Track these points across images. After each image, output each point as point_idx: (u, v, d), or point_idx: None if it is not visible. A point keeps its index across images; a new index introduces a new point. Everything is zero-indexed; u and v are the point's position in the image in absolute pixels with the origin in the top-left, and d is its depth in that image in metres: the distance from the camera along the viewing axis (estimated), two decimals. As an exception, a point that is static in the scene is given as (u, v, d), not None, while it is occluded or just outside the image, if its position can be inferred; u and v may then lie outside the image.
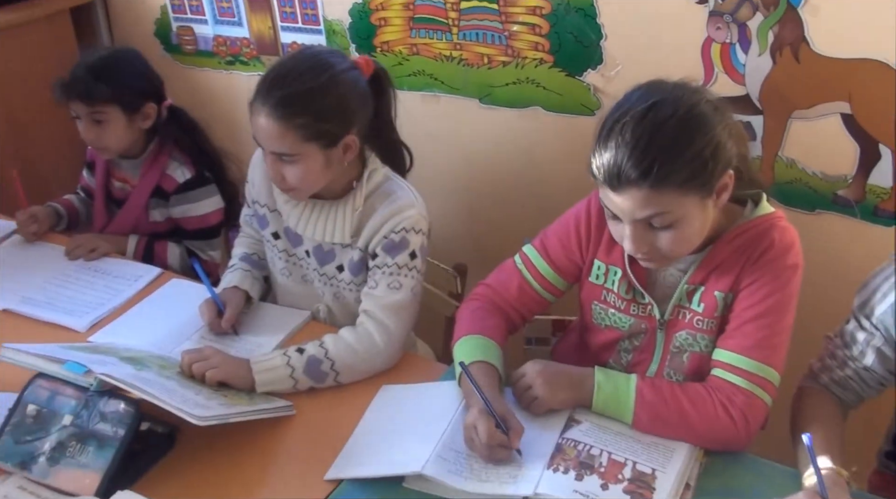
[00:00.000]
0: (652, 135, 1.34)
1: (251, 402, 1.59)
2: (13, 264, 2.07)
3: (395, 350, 1.71)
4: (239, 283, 1.88)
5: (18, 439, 1.48)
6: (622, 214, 1.40)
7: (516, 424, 1.43)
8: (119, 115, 2.12)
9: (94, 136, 2.13)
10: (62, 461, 1.44)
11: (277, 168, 1.69)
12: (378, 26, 2.45)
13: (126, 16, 2.90)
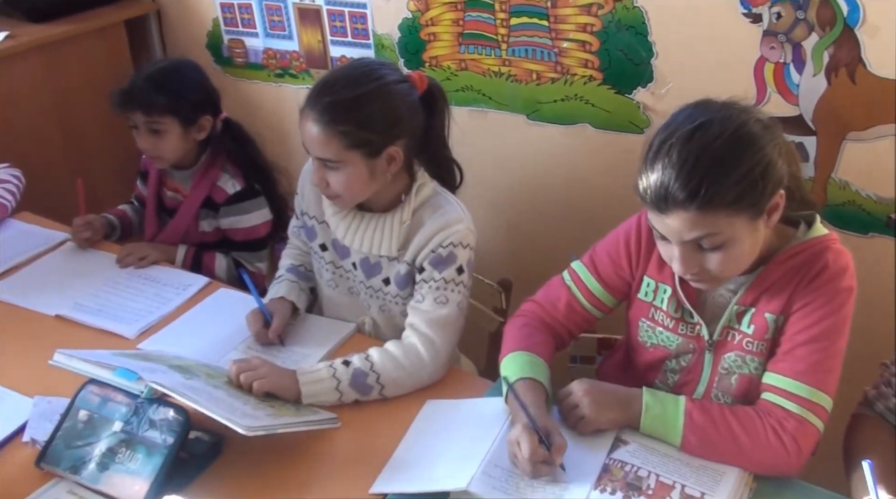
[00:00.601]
0: (699, 155, 1.33)
1: (298, 413, 1.60)
2: (66, 271, 2.10)
3: (441, 365, 1.71)
4: (286, 294, 1.89)
5: (70, 444, 1.50)
6: (671, 236, 1.39)
7: (560, 439, 1.42)
8: (176, 125, 2.16)
9: (149, 145, 2.16)
10: (111, 467, 1.46)
11: (322, 174, 1.71)
12: (427, 41, 2.46)
13: (179, 28, 2.95)
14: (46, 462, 1.49)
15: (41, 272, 2.11)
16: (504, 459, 1.45)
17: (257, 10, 2.73)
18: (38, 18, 2.70)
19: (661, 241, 1.44)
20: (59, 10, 2.75)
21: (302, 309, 1.92)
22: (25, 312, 1.95)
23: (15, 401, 1.67)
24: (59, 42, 2.70)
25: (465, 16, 2.37)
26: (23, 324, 1.92)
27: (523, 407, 1.45)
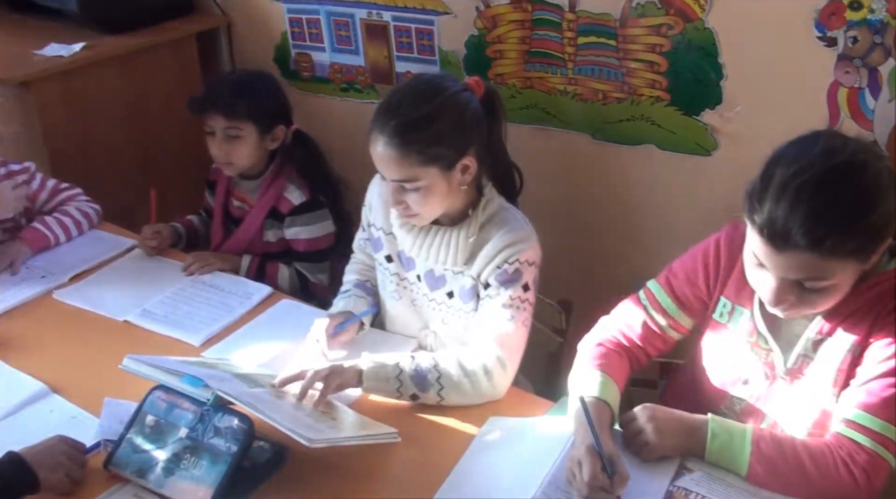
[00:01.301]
0: (831, 204, 1.29)
1: (358, 428, 1.61)
2: (134, 277, 2.15)
3: (505, 383, 1.70)
4: (354, 308, 1.90)
5: (137, 448, 1.52)
6: (774, 270, 1.36)
7: (623, 470, 1.40)
8: (253, 132, 2.21)
9: (224, 151, 2.21)
10: (177, 473, 1.48)
11: (399, 196, 1.71)
12: (493, 59, 2.47)
13: (247, 41, 3.00)
14: (114, 465, 1.52)
15: (110, 278, 2.15)
16: (565, 481, 1.43)
17: (325, 24, 2.77)
18: (114, 30, 2.77)
19: (758, 267, 1.41)
20: (133, 22, 2.81)
21: (367, 325, 1.93)
22: (95, 317, 2.00)
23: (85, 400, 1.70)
24: (133, 53, 2.76)
25: (532, 34, 2.38)
26: (92, 328, 1.97)
27: (591, 427, 1.43)
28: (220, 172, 2.36)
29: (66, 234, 2.26)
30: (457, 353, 1.71)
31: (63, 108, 2.62)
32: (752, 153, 1.42)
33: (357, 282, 2.00)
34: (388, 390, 1.66)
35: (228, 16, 2.98)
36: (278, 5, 2.83)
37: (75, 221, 2.29)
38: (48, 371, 1.79)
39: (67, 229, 2.27)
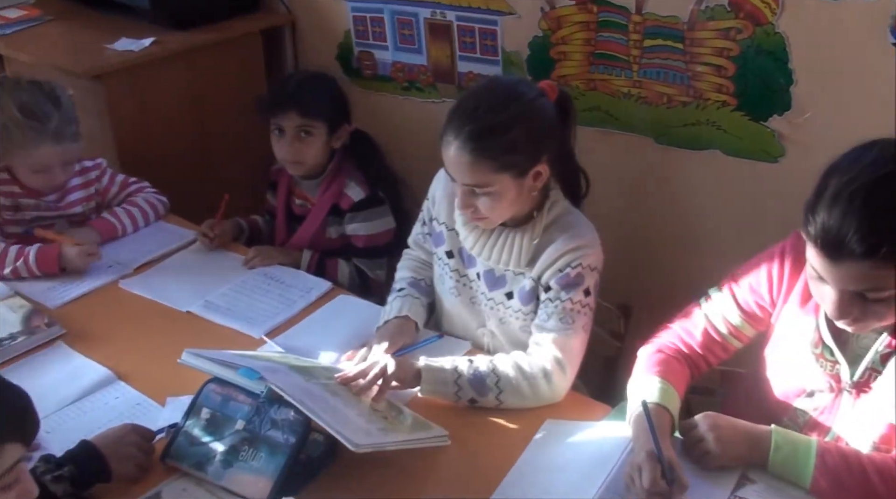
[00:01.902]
0: (885, 211, 1.25)
1: (409, 429, 1.61)
2: (197, 270, 2.18)
3: (564, 387, 1.69)
4: (409, 312, 1.90)
5: (193, 441, 1.54)
6: (833, 282, 1.33)
7: (683, 477, 1.39)
8: (323, 131, 2.24)
9: (294, 150, 2.23)
10: (235, 465, 1.50)
11: (469, 200, 1.71)
12: (557, 60, 2.46)
13: (311, 39, 3.02)
14: (171, 458, 1.54)
15: (174, 269, 2.19)
16: (623, 487, 1.42)
17: (389, 23, 2.78)
18: (183, 26, 2.82)
19: (817, 281, 1.38)
20: (201, 18, 2.86)
21: (421, 327, 1.93)
22: (159, 307, 2.04)
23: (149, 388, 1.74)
24: (200, 49, 2.80)
25: (597, 36, 2.36)
26: (157, 317, 2.01)
27: (653, 433, 1.42)
28: (281, 173, 2.38)
29: (133, 224, 2.32)
30: (515, 356, 1.70)
31: (131, 102, 2.67)
32: (820, 161, 1.39)
33: (412, 280, 2.00)
34: (447, 394, 1.67)
35: (293, 13, 3.01)
36: (343, 4, 2.85)
37: (143, 212, 2.34)
38: (114, 359, 1.83)
39: (135, 220, 2.32)
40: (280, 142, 2.25)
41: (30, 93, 2.11)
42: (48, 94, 2.13)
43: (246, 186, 2.64)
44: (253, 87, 2.92)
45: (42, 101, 2.10)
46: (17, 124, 2.07)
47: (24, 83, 2.15)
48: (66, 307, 2.04)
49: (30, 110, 2.08)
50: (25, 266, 2.11)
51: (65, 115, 2.13)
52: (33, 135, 2.08)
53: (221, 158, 2.90)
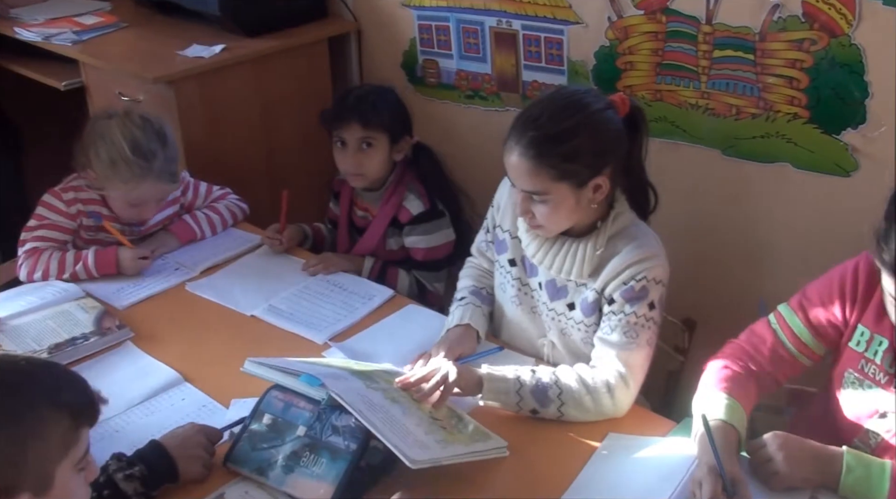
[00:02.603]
0: None
1: (468, 438, 1.60)
2: (261, 274, 2.21)
3: (627, 401, 1.67)
4: (471, 320, 1.90)
5: (255, 446, 1.56)
6: None
7: (747, 493, 1.36)
8: (385, 143, 2.25)
9: (357, 162, 2.25)
10: (297, 470, 1.50)
11: (527, 206, 1.71)
12: (623, 70, 2.43)
13: (376, 47, 3.04)
14: (233, 462, 1.56)
15: (239, 273, 2.23)
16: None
17: (454, 31, 2.79)
18: (251, 33, 2.86)
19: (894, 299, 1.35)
20: (270, 25, 2.89)
21: (482, 336, 1.93)
22: (224, 310, 2.07)
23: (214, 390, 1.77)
24: (267, 56, 2.84)
25: (665, 46, 2.33)
26: (222, 320, 2.04)
27: (713, 447, 1.40)
28: (343, 183, 2.40)
29: (212, 230, 2.37)
30: (578, 368, 1.69)
31: (200, 108, 2.72)
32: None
33: (473, 289, 2.00)
34: (508, 403, 1.66)
35: (359, 21, 3.03)
36: (408, 12, 2.87)
37: (222, 219, 2.40)
38: (181, 360, 1.87)
39: (214, 226, 2.38)
40: (342, 154, 2.27)
41: (141, 130, 2.14)
42: (157, 132, 2.17)
43: (310, 193, 2.67)
44: (318, 95, 2.96)
45: (151, 138, 2.15)
46: (125, 160, 2.11)
47: (136, 118, 2.18)
48: (134, 308, 2.09)
49: (139, 148, 2.12)
50: (84, 269, 2.17)
51: (169, 154, 2.18)
52: (138, 172, 2.12)
53: (286, 165, 2.93)
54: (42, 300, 2.05)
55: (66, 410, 1.09)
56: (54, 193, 2.24)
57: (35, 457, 1.05)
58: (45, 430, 1.07)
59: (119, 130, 2.14)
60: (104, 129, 2.16)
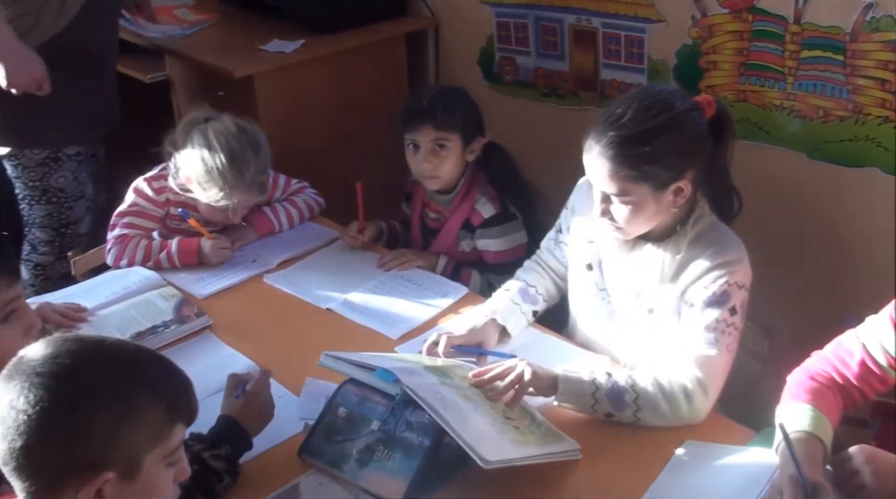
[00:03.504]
0: None
1: (541, 440, 1.58)
2: (337, 268, 2.23)
3: (704, 407, 1.64)
4: (499, 316, 1.89)
5: (329, 439, 1.57)
6: None
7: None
8: (458, 144, 2.24)
9: (430, 164, 2.24)
10: (371, 464, 1.51)
11: (606, 207, 1.69)
12: (706, 70, 2.39)
13: (454, 43, 3.05)
14: (307, 454, 1.57)
15: (315, 266, 2.25)
16: (767, 516, 1.37)
17: (532, 29, 2.77)
18: (331, 29, 2.88)
19: None
20: (349, 21, 2.91)
21: (514, 334, 1.91)
22: (300, 302, 2.10)
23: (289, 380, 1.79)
24: (345, 52, 2.86)
25: (750, 46, 2.28)
26: (298, 313, 2.06)
27: (792, 455, 1.36)
28: (416, 185, 2.40)
29: (290, 223, 2.40)
30: (656, 372, 1.66)
31: (279, 102, 2.76)
32: None
33: (522, 287, 1.98)
34: (583, 406, 1.64)
35: (437, 18, 3.04)
36: (487, 9, 2.86)
37: (300, 213, 2.43)
38: (257, 350, 1.89)
39: (292, 219, 2.41)
40: (415, 157, 2.26)
41: (237, 140, 2.15)
42: (252, 142, 2.18)
43: (383, 190, 2.68)
44: (395, 91, 2.97)
45: (245, 148, 2.16)
46: (220, 171, 2.12)
47: (233, 126, 2.18)
48: (212, 299, 2.12)
49: (235, 159, 2.13)
50: (168, 257, 2.22)
51: (261, 165, 2.20)
52: (231, 182, 2.14)
53: (361, 161, 2.94)
54: (125, 289, 2.10)
55: (164, 402, 1.11)
56: (146, 180, 2.30)
57: (128, 439, 1.07)
58: (142, 416, 1.08)
59: (215, 138, 2.15)
60: (201, 133, 2.17)
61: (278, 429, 1.64)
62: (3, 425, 1.04)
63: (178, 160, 2.21)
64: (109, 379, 1.08)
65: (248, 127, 2.22)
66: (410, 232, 2.46)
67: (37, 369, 1.05)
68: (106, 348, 1.12)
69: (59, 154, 2.48)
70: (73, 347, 1.09)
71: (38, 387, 1.04)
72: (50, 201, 2.52)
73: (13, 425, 1.03)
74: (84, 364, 1.08)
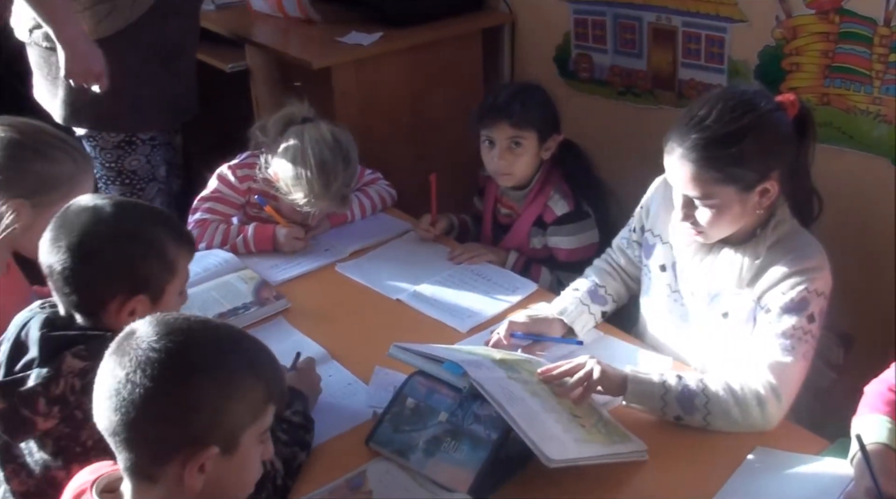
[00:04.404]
0: None
1: (607, 439, 1.58)
2: (407, 260, 2.25)
3: (777, 415, 1.61)
4: (568, 318, 1.90)
5: (397, 428, 1.59)
6: None
7: None
8: (534, 141, 2.24)
9: (505, 161, 2.24)
10: (437, 455, 1.53)
11: (689, 211, 1.66)
12: (789, 71, 2.34)
13: (530, 39, 3.04)
14: (375, 442, 1.59)
15: (386, 257, 2.28)
16: (840, 529, 1.34)
17: (610, 26, 2.75)
18: (408, 22, 2.90)
19: None
20: (427, 15, 2.93)
21: (580, 335, 1.90)
22: (371, 292, 2.13)
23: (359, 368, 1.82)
24: (422, 46, 2.87)
25: (836, 48, 2.23)
26: (368, 302, 2.09)
27: (870, 470, 1.33)
28: (489, 180, 2.40)
29: (362, 214, 2.44)
30: (728, 377, 1.63)
31: (356, 94, 2.78)
32: None
33: (592, 286, 1.97)
34: (652, 407, 1.63)
35: (515, 13, 3.03)
36: (565, 5, 2.85)
37: (373, 204, 2.46)
38: (328, 338, 1.92)
39: (364, 210, 2.44)
40: (490, 153, 2.26)
41: (331, 150, 2.17)
42: (344, 156, 2.20)
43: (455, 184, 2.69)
44: (469, 86, 2.98)
45: (338, 161, 2.18)
46: (308, 179, 2.15)
47: (329, 135, 2.20)
48: (286, 285, 2.16)
49: (325, 170, 2.15)
50: (244, 242, 2.26)
51: (348, 178, 2.22)
52: (318, 192, 2.16)
53: (434, 155, 2.96)
54: (205, 271, 2.16)
55: (262, 382, 1.14)
56: (231, 167, 2.35)
57: (230, 416, 1.10)
58: (244, 394, 1.11)
59: (310, 145, 2.16)
60: (297, 136, 2.19)
61: (347, 416, 1.68)
62: (116, 397, 1.08)
63: (269, 156, 2.24)
64: (217, 357, 1.11)
65: (343, 138, 2.23)
66: (481, 227, 2.46)
67: (151, 345, 1.08)
68: (212, 328, 1.16)
69: (134, 138, 2.54)
70: (182, 325, 1.12)
71: (153, 362, 1.07)
72: (123, 183, 2.59)
73: (127, 397, 1.07)
74: (194, 342, 1.11)
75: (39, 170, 1.72)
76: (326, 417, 1.66)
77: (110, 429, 1.09)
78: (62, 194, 1.69)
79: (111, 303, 1.41)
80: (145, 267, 1.43)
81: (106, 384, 1.10)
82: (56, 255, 1.39)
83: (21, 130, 1.74)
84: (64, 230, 1.41)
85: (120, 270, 1.41)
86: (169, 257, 1.46)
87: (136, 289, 1.42)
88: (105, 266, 1.40)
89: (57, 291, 1.42)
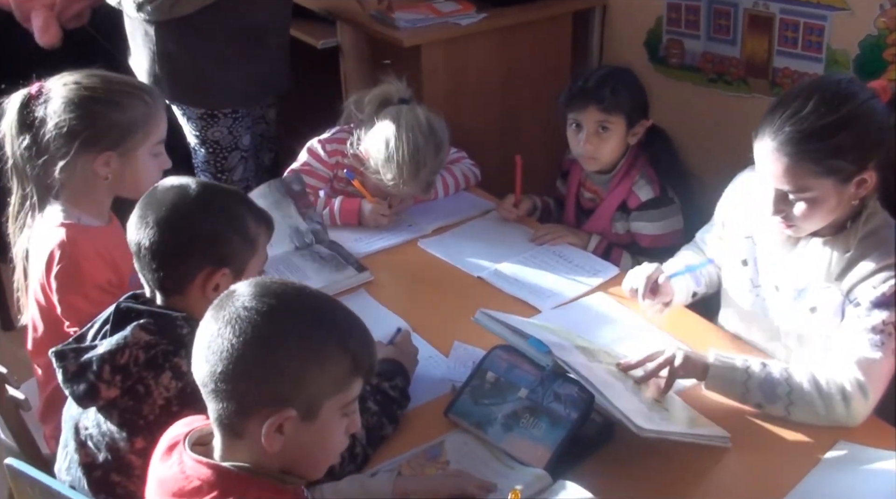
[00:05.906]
0: None
1: (690, 424, 1.58)
2: (489, 239, 2.27)
3: (863, 412, 1.58)
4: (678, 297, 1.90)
5: (476, 401, 1.61)
6: None
7: None
8: (622, 125, 2.22)
9: (592, 145, 2.22)
10: (515, 430, 1.55)
11: (782, 205, 1.63)
12: (890, 62, 2.27)
13: (621, 23, 3.01)
14: (453, 413, 1.62)
15: (468, 235, 2.30)
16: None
17: (705, 12, 2.71)
18: (498, 3, 2.90)
19: None
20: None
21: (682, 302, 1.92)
22: (452, 269, 2.15)
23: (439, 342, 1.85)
24: (513, 27, 2.87)
25: (946, 38, 2.16)
26: (449, 278, 2.11)
27: None
28: (573, 163, 2.38)
29: (445, 191, 2.46)
30: (812, 369, 1.61)
31: (444, 74, 2.80)
32: None
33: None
34: (733, 393, 1.62)
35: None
36: (658, -10, 2.82)
37: (456, 182, 2.48)
38: (409, 312, 1.95)
39: (447, 188, 2.46)
40: (577, 137, 2.24)
41: (425, 137, 2.18)
42: (436, 143, 2.22)
43: (539, 166, 2.69)
44: (558, 68, 2.97)
45: (430, 147, 2.20)
46: (399, 163, 2.18)
47: (424, 121, 2.21)
48: (368, 258, 2.19)
49: (417, 156, 2.18)
50: (330, 215, 2.31)
51: (437, 166, 2.26)
52: (406, 177, 2.19)
53: (520, 136, 2.97)
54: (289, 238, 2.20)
55: (349, 355, 1.15)
56: (321, 142, 2.40)
57: (312, 383, 1.12)
58: (328, 364, 1.13)
59: (405, 129, 2.19)
60: (392, 118, 2.22)
61: (427, 388, 1.70)
62: (208, 349, 1.12)
63: (362, 132, 2.28)
64: (306, 325, 1.14)
65: (437, 125, 2.25)
66: (564, 210, 2.45)
67: (245, 304, 1.12)
68: (306, 296, 1.18)
69: (216, 112, 2.60)
70: (279, 290, 1.15)
71: (244, 320, 1.11)
72: (208, 150, 2.66)
73: (217, 351, 1.11)
74: (287, 308, 1.14)
75: (117, 119, 1.76)
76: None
77: (202, 379, 1.14)
78: (143, 134, 1.78)
79: (197, 277, 1.44)
80: (229, 241, 1.46)
81: (202, 336, 1.14)
82: (144, 230, 1.43)
83: (88, 85, 1.78)
84: (151, 208, 1.44)
85: (206, 243, 1.44)
86: (251, 235, 1.49)
87: (222, 262, 1.45)
88: (192, 238, 1.44)
89: (144, 268, 1.45)
